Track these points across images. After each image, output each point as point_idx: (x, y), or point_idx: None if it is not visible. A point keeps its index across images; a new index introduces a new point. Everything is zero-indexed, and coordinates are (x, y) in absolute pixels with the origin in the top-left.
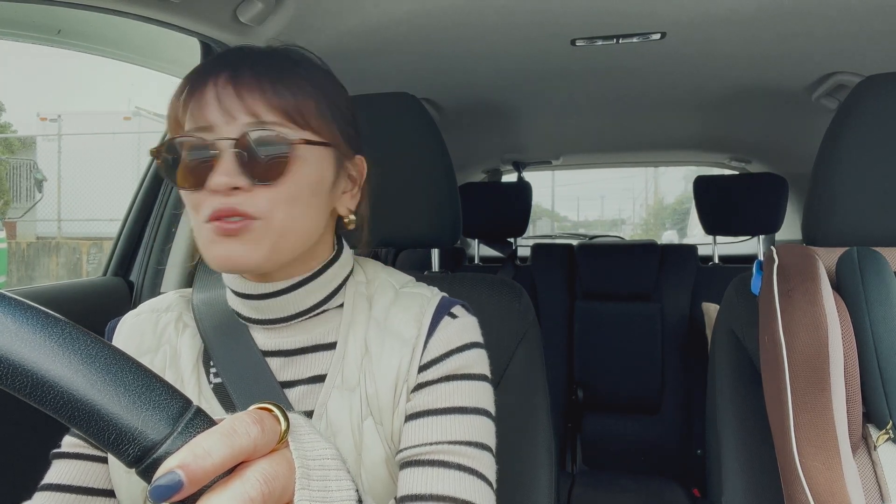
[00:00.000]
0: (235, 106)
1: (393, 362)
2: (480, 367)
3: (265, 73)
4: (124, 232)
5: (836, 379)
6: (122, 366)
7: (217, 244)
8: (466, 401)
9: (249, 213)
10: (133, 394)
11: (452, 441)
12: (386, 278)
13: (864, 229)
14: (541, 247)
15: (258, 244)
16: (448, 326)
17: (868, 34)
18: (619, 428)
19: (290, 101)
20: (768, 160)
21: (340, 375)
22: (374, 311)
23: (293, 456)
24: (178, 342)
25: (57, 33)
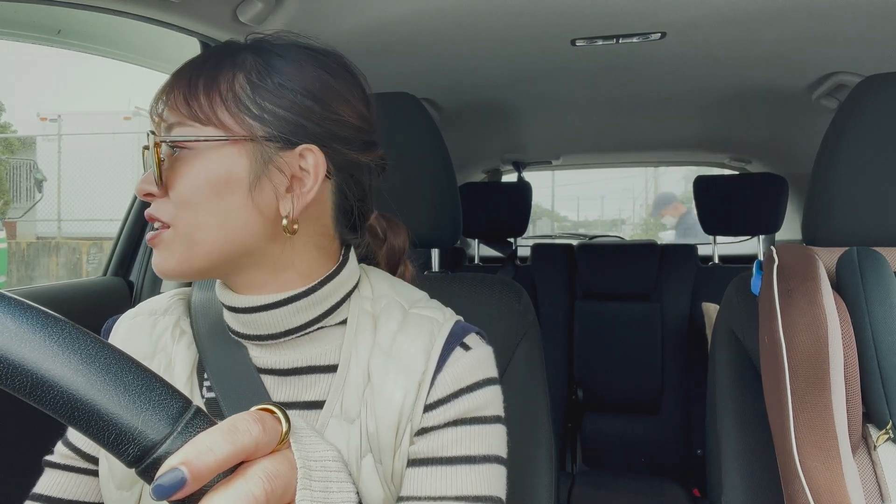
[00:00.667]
0: (165, 111)
1: (396, 397)
2: (494, 407)
3: (184, 77)
4: (124, 232)
5: (836, 379)
6: (122, 365)
7: (153, 253)
8: (476, 449)
9: (158, 218)
10: (133, 393)
11: (459, 497)
12: (394, 297)
13: (864, 229)
14: (541, 247)
15: (170, 252)
16: (459, 361)
17: (868, 34)
18: (619, 428)
19: (197, 98)
20: (768, 160)
21: (340, 404)
22: (379, 337)
23: (295, 456)
24: (173, 351)
25: (57, 33)
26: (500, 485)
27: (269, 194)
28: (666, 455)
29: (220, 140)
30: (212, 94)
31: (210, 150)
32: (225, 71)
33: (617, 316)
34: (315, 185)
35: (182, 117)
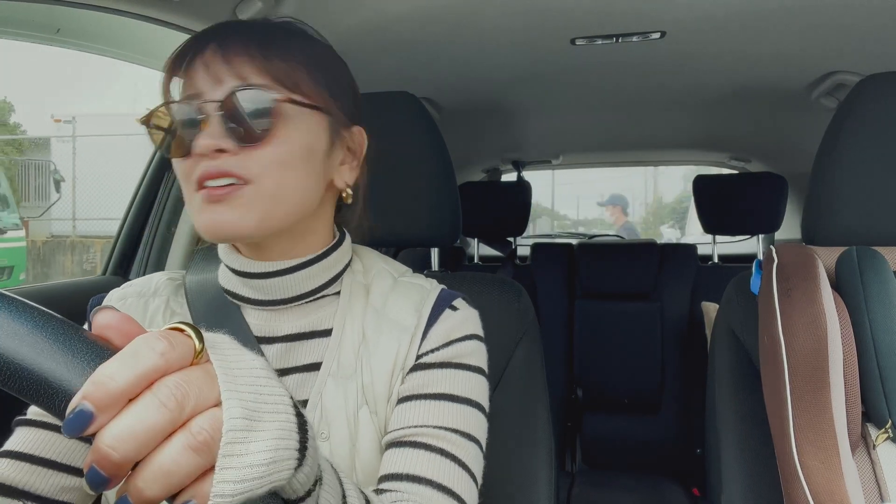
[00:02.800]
0: (222, 70)
1: (391, 350)
2: (478, 359)
3: (254, 39)
4: (124, 231)
5: (836, 378)
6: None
7: (206, 211)
8: (459, 390)
9: (238, 174)
10: (52, 344)
11: (438, 426)
12: (384, 267)
13: (864, 229)
14: (540, 246)
15: (249, 210)
16: (449, 318)
17: (867, 33)
18: (618, 427)
19: (280, 64)
20: (768, 159)
21: (336, 363)
22: (372, 298)
23: (214, 366)
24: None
25: (56, 32)
26: (480, 429)
27: (332, 165)
28: (665, 454)
29: (315, 109)
30: (292, 62)
31: (303, 115)
32: (294, 42)
33: (616, 315)
34: (360, 161)
35: (267, 79)
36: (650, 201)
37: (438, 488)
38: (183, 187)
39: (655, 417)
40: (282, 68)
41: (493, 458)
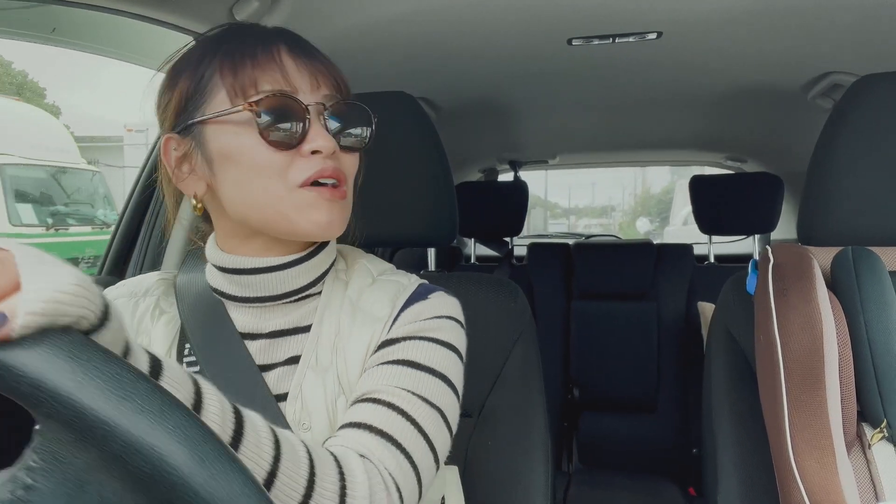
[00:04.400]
0: (321, 74)
1: (363, 339)
2: (447, 335)
3: (313, 48)
4: (119, 231)
5: (831, 378)
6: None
7: (320, 209)
8: (421, 358)
9: (344, 177)
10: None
11: (397, 386)
12: (365, 264)
13: (859, 229)
14: (537, 246)
15: (346, 210)
16: (419, 303)
17: (863, 34)
18: (615, 427)
19: (347, 83)
20: (764, 160)
21: (314, 356)
22: (349, 292)
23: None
24: (152, 330)
25: (51, 31)
26: (445, 400)
27: None
28: (662, 454)
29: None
30: (345, 79)
31: None
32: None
33: (613, 315)
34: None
35: (343, 94)
36: (639, 192)
37: (377, 433)
38: (270, 182)
39: (652, 417)
40: (347, 85)
41: (490, 457)
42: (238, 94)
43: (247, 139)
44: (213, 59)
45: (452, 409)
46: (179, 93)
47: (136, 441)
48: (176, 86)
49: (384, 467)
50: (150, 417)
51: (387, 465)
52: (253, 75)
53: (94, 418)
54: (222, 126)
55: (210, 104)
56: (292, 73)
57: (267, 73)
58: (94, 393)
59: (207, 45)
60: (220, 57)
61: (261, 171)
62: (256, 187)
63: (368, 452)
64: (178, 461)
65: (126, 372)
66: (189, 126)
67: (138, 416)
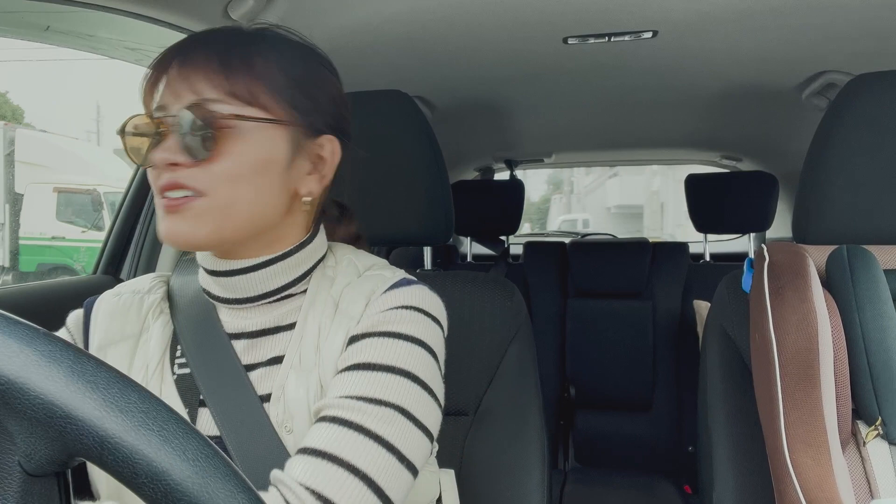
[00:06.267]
0: (182, 86)
1: (339, 339)
2: (413, 328)
3: (214, 53)
4: (114, 230)
5: (826, 376)
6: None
7: (164, 219)
8: (379, 357)
9: (191, 187)
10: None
11: (353, 396)
12: (352, 260)
13: (854, 227)
14: (533, 245)
15: (200, 221)
16: (390, 293)
17: (857, 33)
18: (610, 425)
19: (237, 78)
20: (759, 158)
21: (298, 356)
22: (333, 292)
23: None
24: (153, 327)
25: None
26: (409, 399)
27: (295, 176)
28: (657, 452)
29: (270, 122)
30: (251, 74)
31: (258, 129)
32: (257, 55)
33: (609, 314)
34: (332, 171)
35: (223, 94)
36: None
37: (327, 458)
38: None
39: (647, 415)
40: (239, 82)
41: (485, 456)
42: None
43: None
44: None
45: (422, 405)
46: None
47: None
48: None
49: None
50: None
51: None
52: (144, 96)
53: None
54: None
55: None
56: (164, 89)
57: (148, 93)
58: None
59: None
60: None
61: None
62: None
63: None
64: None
65: None
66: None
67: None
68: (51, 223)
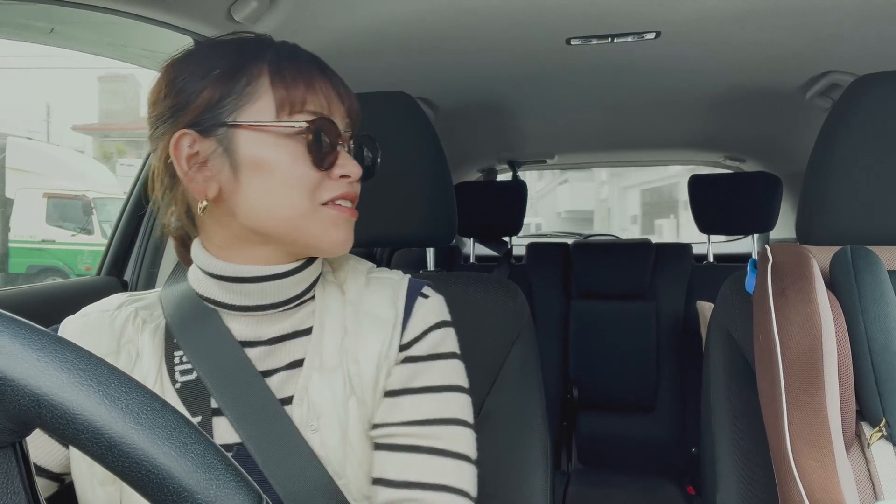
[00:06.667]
0: (348, 107)
1: (374, 342)
2: (451, 344)
3: (342, 81)
4: (118, 231)
5: (830, 377)
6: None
7: (341, 227)
8: (439, 380)
9: (356, 199)
10: (220, 477)
11: (423, 420)
12: (353, 265)
13: (858, 228)
14: (536, 246)
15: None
16: (423, 306)
17: (861, 34)
18: (614, 426)
19: (360, 109)
20: (763, 159)
21: (319, 358)
22: (349, 296)
23: None
24: (139, 341)
25: (49, 32)
26: (464, 410)
27: None
28: (661, 453)
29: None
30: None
31: None
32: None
33: (612, 315)
34: None
35: (356, 125)
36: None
37: (440, 489)
38: (298, 195)
39: (651, 416)
40: (360, 112)
41: (488, 457)
42: (285, 109)
43: (287, 153)
44: (260, 68)
45: (470, 413)
46: (210, 92)
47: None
48: (202, 84)
49: None
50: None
51: None
52: (304, 95)
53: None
54: (262, 135)
55: (249, 110)
56: (333, 100)
57: (315, 96)
58: None
59: (248, 51)
60: (271, 68)
61: (294, 185)
62: (285, 199)
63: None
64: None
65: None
66: (215, 126)
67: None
68: (41, 227)
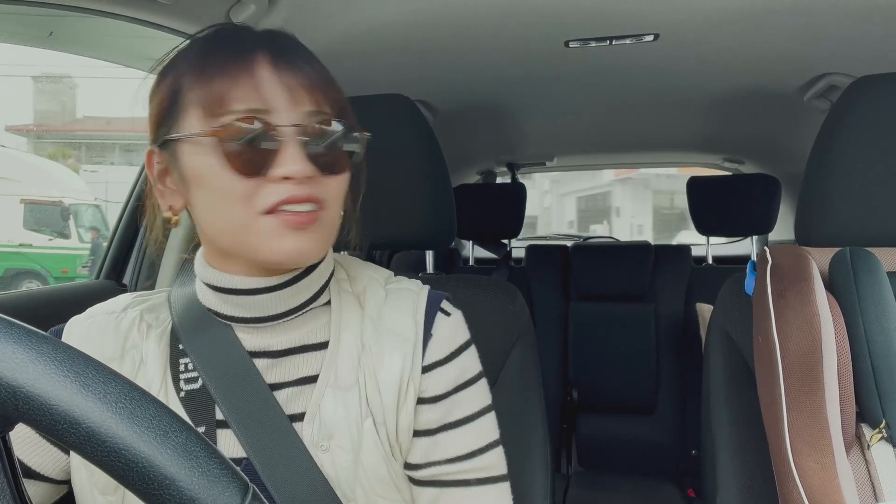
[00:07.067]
0: (302, 89)
1: (395, 361)
2: (476, 363)
3: (309, 61)
4: (117, 234)
5: (830, 378)
6: (191, 439)
7: (287, 237)
8: (474, 406)
9: (320, 199)
10: (202, 467)
11: (468, 455)
12: (371, 275)
13: (857, 230)
14: (535, 248)
15: (323, 235)
16: (443, 325)
17: (859, 36)
18: (614, 429)
19: (340, 95)
20: (761, 161)
21: (334, 374)
22: (368, 310)
23: None
24: (143, 346)
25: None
26: (496, 428)
27: None
28: (661, 455)
29: (361, 136)
30: (339, 90)
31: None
32: (320, 64)
33: (611, 317)
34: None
35: (335, 110)
36: None
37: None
38: (235, 208)
39: (651, 419)
40: (342, 99)
41: None
42: (207, 112)
43: (214, 162)
44: (187, 70)
45: (498, 428)
46: (156, 105)
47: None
48: (155, 96)
49: None
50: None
51: None
52: (222, 91)
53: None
54: (195, 146)
55: (184, 120)
56: (268, 87)
57: (239, 89)
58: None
59: (188, 52)
60: (193, 67)
61: (225, 197)
62: (221, 213)
63: None
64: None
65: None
66: (165, 142)
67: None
68: (18, 232)
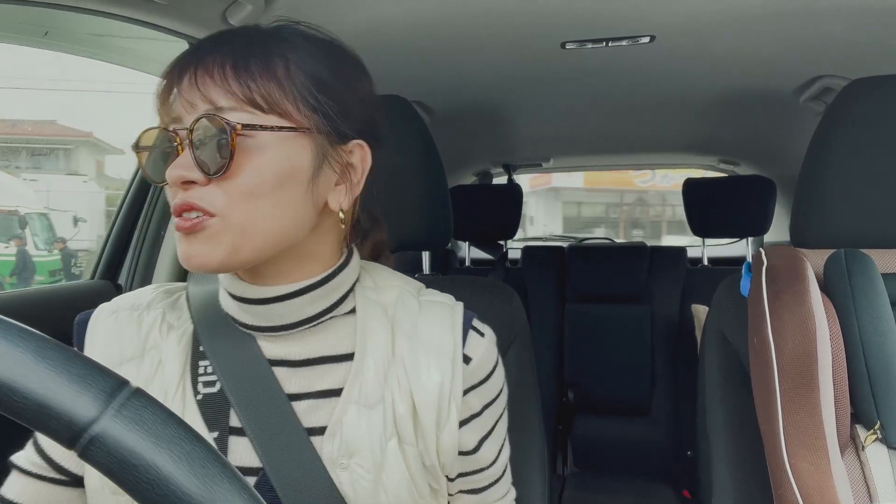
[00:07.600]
0: (195, 95)
1: (433, 377)
2: (503, 377)
3: (229, 56)
4: (112, 234)
5: (825, 380)
6: (44, 346)
7: (180, 241)
8: (497, 415)
9: (201, 208)
10: (60, 373)
11: (495, 460)
12: (402, 286)
13: (852, 231)
14: (531, 249)
15: (216, 243)
16: (481, 347)
17: (854, 38)
18: (609, 430)
19: (251, 84)
20: (757, 163)
21: (358, 390)
22: (401, 322)
23: None
24: (163, 346)
25: (44, 35)
26: (505, 423)
27: (323, 187)
28: (656, 456)
29: (292, 131)
30: (270, 79)
31: (278, 140)
32: (277, 56)
33: (607, 318)
34: (363, 179)
35: (238, 102)
36: None
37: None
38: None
39: (646, 420)
40: (255, 87)
41: None
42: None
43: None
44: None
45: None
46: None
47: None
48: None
49: None
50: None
51: None
52: (161, 108)
53: None
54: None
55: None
56: (178, 99)
57: (162, 104)
58: None
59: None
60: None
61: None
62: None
63: None
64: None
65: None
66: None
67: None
68: None
